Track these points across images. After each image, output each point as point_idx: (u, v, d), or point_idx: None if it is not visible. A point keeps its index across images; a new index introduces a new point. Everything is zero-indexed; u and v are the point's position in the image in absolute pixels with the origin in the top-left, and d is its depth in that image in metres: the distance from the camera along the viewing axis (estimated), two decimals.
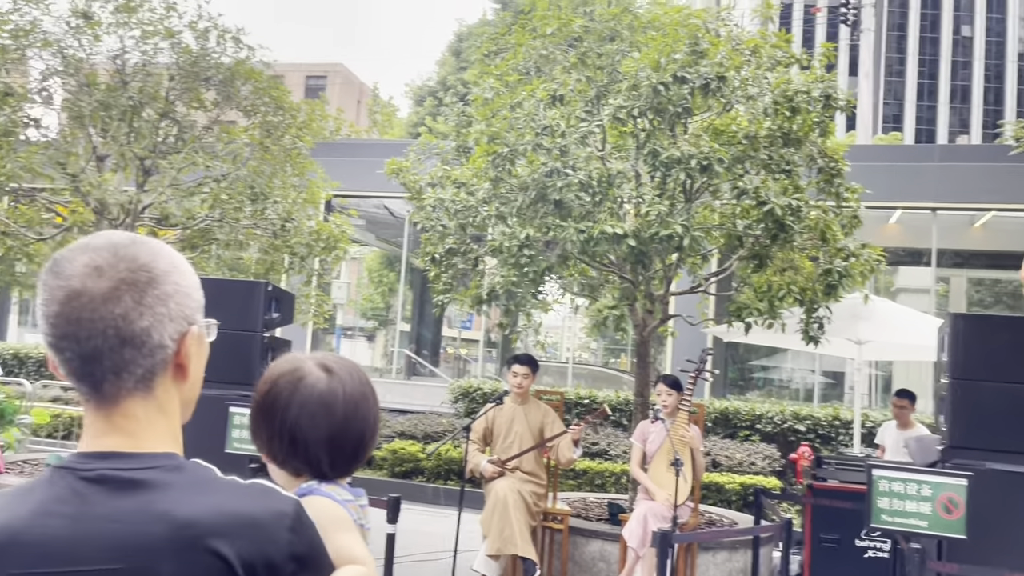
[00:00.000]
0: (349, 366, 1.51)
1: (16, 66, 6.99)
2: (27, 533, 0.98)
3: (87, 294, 1.02)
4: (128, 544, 0.98)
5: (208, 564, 0.98)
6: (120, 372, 1.04)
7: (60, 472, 1.03)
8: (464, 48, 31.40)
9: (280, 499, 1.07)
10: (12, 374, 13.83)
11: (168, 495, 1.01)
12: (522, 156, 6.20)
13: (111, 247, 1.05)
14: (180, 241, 7.72)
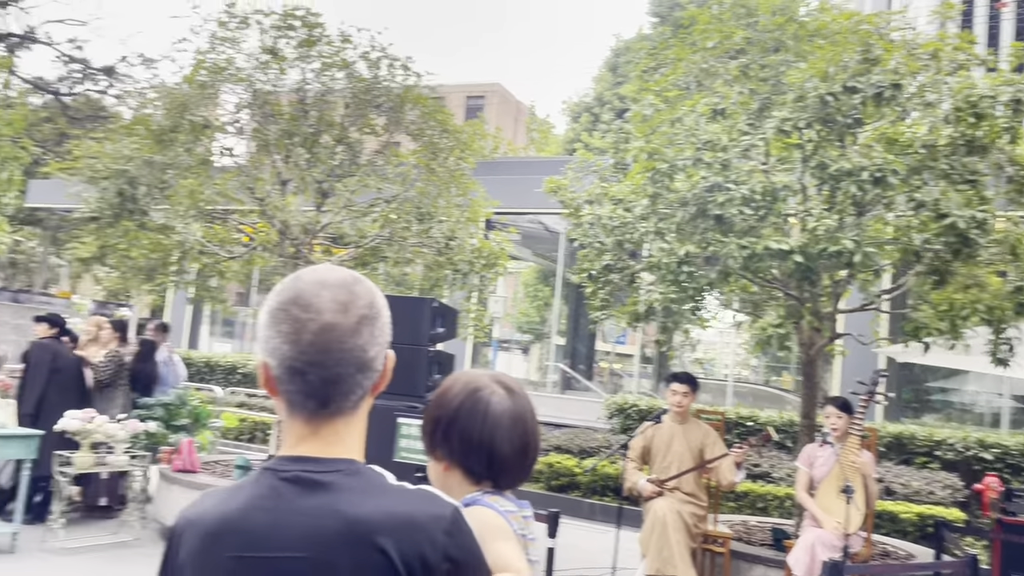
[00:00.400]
0: (520, 385, 1.63)
1: (212, 100, 7.69)
2: (238, 523, 1.15)
3: (339, 328, 1.18)
4: (312, 536, 1.12)
5: (375, 559, 1.10)
6: (349, 394, 1.20)
7: (265, 472, 1.20)
8: (621, 63, 31.36)
9: (440, 504, 1.18)
10: (204, 381, 15.09)
11: (345, 496, 1.15)
12: (681, 171, 6.13)
13: (345, 285, 1.21)
14: (352, 259, 8.18)
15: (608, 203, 7.00)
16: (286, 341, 1.18)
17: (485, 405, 1.54)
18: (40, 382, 7.13)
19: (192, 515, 1.22)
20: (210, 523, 1.17)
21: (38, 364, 7.21)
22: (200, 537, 1.17)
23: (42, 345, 7.31)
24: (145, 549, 6.78)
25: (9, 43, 21.09)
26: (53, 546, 6.47)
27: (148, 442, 7.22)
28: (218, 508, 1.19)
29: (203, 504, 1.22)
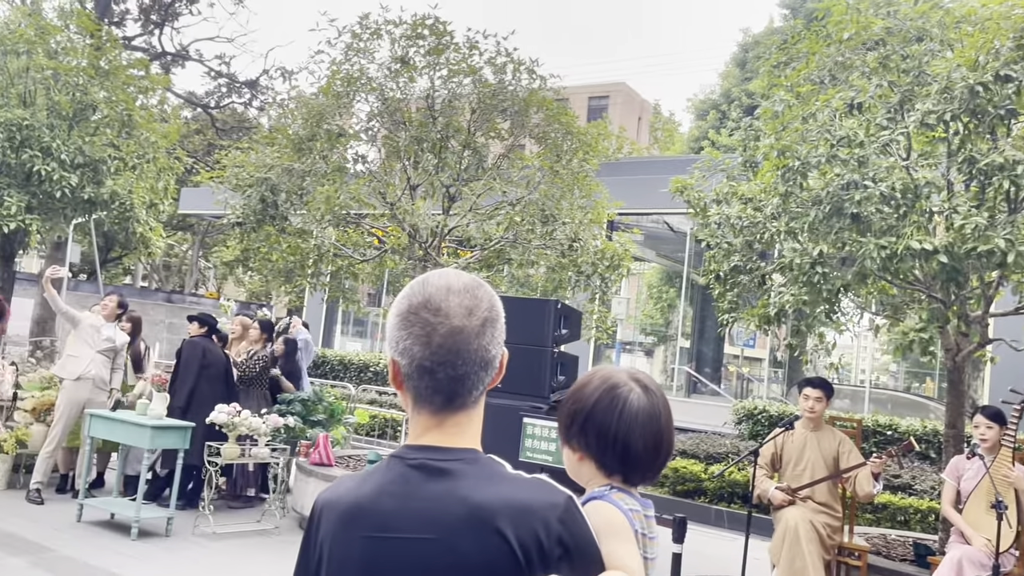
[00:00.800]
0: (656, 383, 1.66)
1: (346, 109, 8.03)
2: (370, 506, 1.27)
3: (466, 331, 1.28)
4: (436, 520, 1.22)
5: (495, 543, 1.19)
6: (473, 390, 1.31)
7: (393, 460, 1.31)
8: (750, 59, 30.49)
9: (554, 492, 1.25)
10: (337, 378, 15.74)
11: (467, 482, 1.24)
12: (815, 169, 5.91)
13: (469, 291, 1.31)
14: (478, 261, 8.34)
15: (737, 202, 6.83)
16: (417, 342, 1.28)
17: (622, 402, 1.58)
18: (191, 377, 7.64)
19: (330, 497, 1.33)
20: (346, 505, 1.29)
21: (189, 360, 7.73)
22: (337, 517, 1.29)
23: (193, 343, 7.83)
24: (285, 537, 7.15)
25: (164, 62, 22.70)
26: (203, 531, 6.93)
27: (288, 436, 7.60)
28: (353, 492, 1.30)
29: (339, 487, 1.34)
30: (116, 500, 7.18)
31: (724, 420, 12.77)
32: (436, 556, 1.21)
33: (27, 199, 9.29)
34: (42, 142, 9.21)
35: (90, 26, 10.90)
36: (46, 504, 7.30)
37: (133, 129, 10.48)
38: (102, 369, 7.63)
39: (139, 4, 22.00)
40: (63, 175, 9.23)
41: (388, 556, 1.24)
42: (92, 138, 9.91)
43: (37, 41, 9.94)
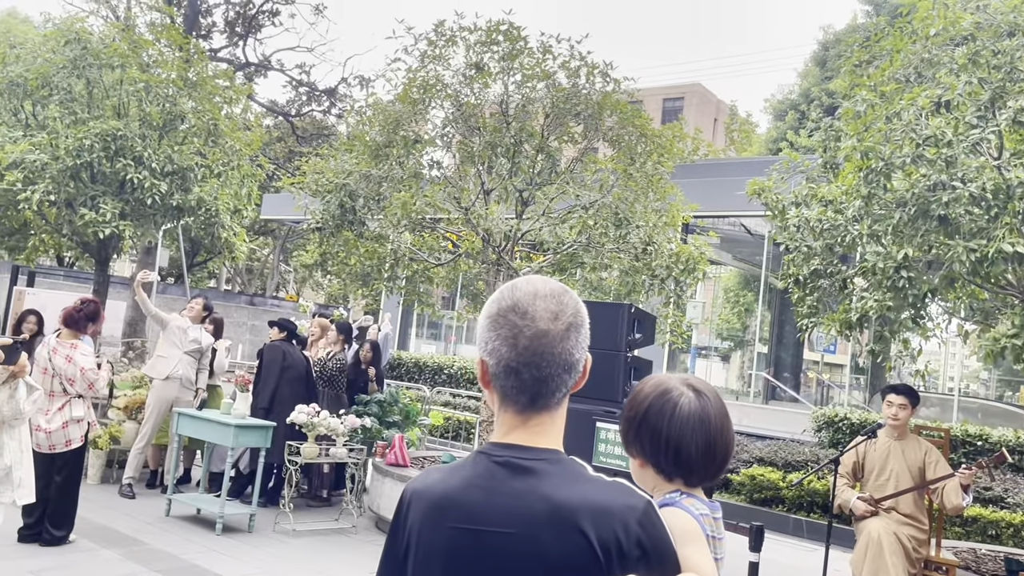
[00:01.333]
0: (711, 388, 1.69)
1: (422, 116, 8.15)
2: (457, 498, 1.33)
3: (551, 334, 1.34)
4: (520, 515, 1.27)
5: (575, 540, 1.23)
6: (556, 391, 1.36)
7: (480, 455, 1.37)
8: (830, 57, 29.69)
9: (633, 495, 1.29)
10: (412, 380, 15.97)
11: (550, 481, 1.29)
12: (899, 170, 5.73)
13: (555, 296, 1.37)
14: (551, 265, 8.35)
15: (816, 205, 6.66)
16: (505, 344, 1.34)
17: (672, 406, 1.61)
18: (273, 380, 7.87)
19: (419, 487, 1.41)
20: (434, 496, 1.36)
21: (270, 363, 7.97)
22: (425, 507, 1.36)
23: (273, 347, 8.07)
24: (361, 536, 7.30)
25: (248, 72, 23.47)
26: (284, 528, 7.13)
27: (364, 437, 7.76)
28: (441, 483, 1.37)
29: (428, 477, 1.41)
30: (202, 496, 7.45)
31: (803, 427, 12.45)
32: (518, 550, 1.26)
33: (120, 206, 9.73)
34: (135, 151, 9.63)
35: (179, 40, 11.35)
36: (137, 499, 7.63)
37: (219, 138, 10.87)
38: (189, 369, 7.93)
39: (224, 17, 22.80)
40: (154, 183, 9.63)
41: (472, 547, 1.30)
42: (180, 147, 10.32)
43: (131, 55, 10.40)
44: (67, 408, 5.99)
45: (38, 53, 10.26)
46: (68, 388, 5.99)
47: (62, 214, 10.65)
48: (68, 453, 6.00)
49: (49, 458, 5.87)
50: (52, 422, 5.91)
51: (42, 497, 5.78)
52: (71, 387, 5.98)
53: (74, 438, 6.00)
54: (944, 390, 25.95)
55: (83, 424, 6.08)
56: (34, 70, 10.05)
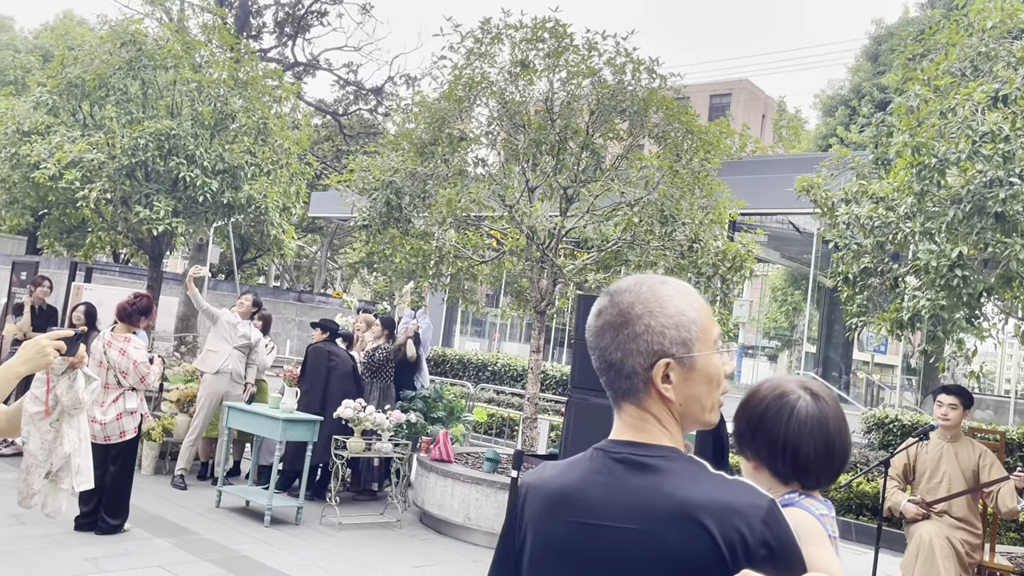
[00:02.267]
0: (827, 391, 1.71)
1: (467, 114, 8.19)
2: (576, 492, 1.34)
3: (591, 329, 1.38)
4: (642, 511, 1.27)
5: (700, 537, 1.22)
6: (611, 386, 1.38)
7: (596, 452, 1.37)
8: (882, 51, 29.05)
9: (757, 494, 1.27)
10: (457, 377, 16.05)
11: (671, 478, 1.28)
12: (954, 166, 5.60)
13: (612, 293, 1.38)
14: (595, 263, 8.32)
15: (867, 202, 6.55)
16: (587, 344, 1.41)
17: (790, 410, 1.62)
18: (320, 381, 7.99)
19: (535, 480, 1.42)
20: (552, 490, 1.37)
21: (316, 365, 8.08)
22: (542, 500, 1.38)
23: (318, 348, 8.18)
24: (407, 530, 7.37)
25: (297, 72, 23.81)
26: (330, 521, 7.24)
27: (409, 432, 7.83)
28: (559, 477, 1.38)
29: (544, 471, 1.43)
30: (251, 488, 7.59)
31: (852, 429, 12.23)
32: (640, 546, 1.26)
33: (173, 203, 9.96)
34: (187, 150, 9.85)
35: (230, 40, 11.57)
36: (188, 490, 7.81)
37: (268, 136, 11.05)
38: (238, 364, 8.09)
39: (274, 18, 23.16)
40: (205, 181, 9.83)
41: (591, 541, 1.30)
42: (231, 146, 10.51)
43: (183, 56, 10.63)
44: (121, 400, 6.17)
45: (95, 55, 10.54)
46: (122, 381, 6.17)
47: (118, 212, 10.93)
48: (122, 444, 6.17)
49: (104, 449, 6.05)
50: (107, 414, 6.10)
51: (97, 487, 5.96)
52: (124, 380, 6.16)
53: (128, 429, 6.17)
54: (1000, 392, 25.25)
55: (136, 416, 6.25)
56: (91, 71, 10.33)
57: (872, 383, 24.68)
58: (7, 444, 8.42)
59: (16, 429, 2.33)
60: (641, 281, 1.38)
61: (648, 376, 1.33)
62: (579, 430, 6.24)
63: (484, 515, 7.04)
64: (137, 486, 6.63)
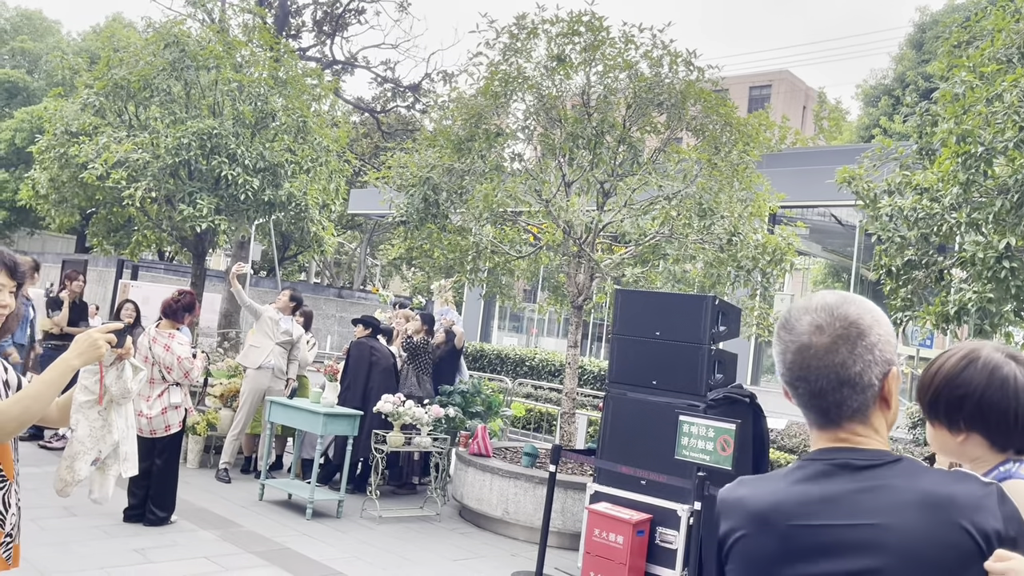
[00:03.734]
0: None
1: (504, 109, 8.20)
2: (794, 497, 1.34)
3: (813, 347, 1.34)
4: (873, 508, 1.28)
5: (948, 531, 1.23)
6: (840, 405, 1.35)
7: (808, 461, 1.38)
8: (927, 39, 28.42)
9: (983, 482, 1.29)
10: (495, 372, 16.10)
11: (894, 475, 1.30)
12: (1001, 155, 5.47)
13: (827, 308, 1.36)
14: (633, 257, 8.28)
15: (911, 193, 6.42)
16: (778, 360, 1.40)
17: (1011, 378, 1.64)
18: (363, 377, 8.08)
19: (736, 496, 1.42)
20: (762, 500, 1.36)
21: (359, 360, 8.17)
22: (747, 516, 1.38)
23: (360, 344, 8.27)
24: (446, 524, 7.42)
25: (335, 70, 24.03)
26: (370, 514, 7.32)
27: (448, 426, 7.88)
28: (768, 487, 1.38)
29: (743, 487, 1.42)
30: (293, 482, 7.71)
31: (897, 424, 12.03)
32: (881, 542, 1.26)
33: (216, 201, 10.14)
34: (228, 149, 10.01)
35: (270, 40, 11.73)
36: (232, 483, 7.96)
37: (307, 135, 11.19)
38: (280, 359, 8.21)
39: (313, 17, 23.40)
40: (246, 179, 9.99)
41: (821, 544, 1.29)
42: (271, 144, 10.67)
43: (225, 56, 10.81)
44: (166, 395, 6.31)
45: (140, 56, 10.77)
46: (166, 376, 6.30)
47: (162, 210, 11.16)
48: (167, 438, 6.31)
49: (150, 442, 6.19)
50: (152, 408, 6.24)
51: (144, 479, 6.11)
52: (168, 375, 6.29)
53: (172, 423, 6.31)
54: None
55: (180, 410, 6.38)
56: (136, 73, 10.55)
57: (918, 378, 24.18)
58: (59, 438, 8.65)
59: (66, 419, 2.41)
60: (843, 296, 1.39)
61: (881, 386, 1.34)
62: (617, 425, 6.23)
63: (522, 509, 7.07)
64: (183, 479, 6.77)
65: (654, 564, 5.75)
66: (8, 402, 2.07)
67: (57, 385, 2.14)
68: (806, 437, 11.20)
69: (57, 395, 2.18)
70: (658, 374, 6.00)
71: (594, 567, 5.71)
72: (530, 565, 6.22)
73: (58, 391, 2.16)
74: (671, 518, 5.74)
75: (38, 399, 2.10)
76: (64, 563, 5.18)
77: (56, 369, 2.14)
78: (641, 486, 5.89)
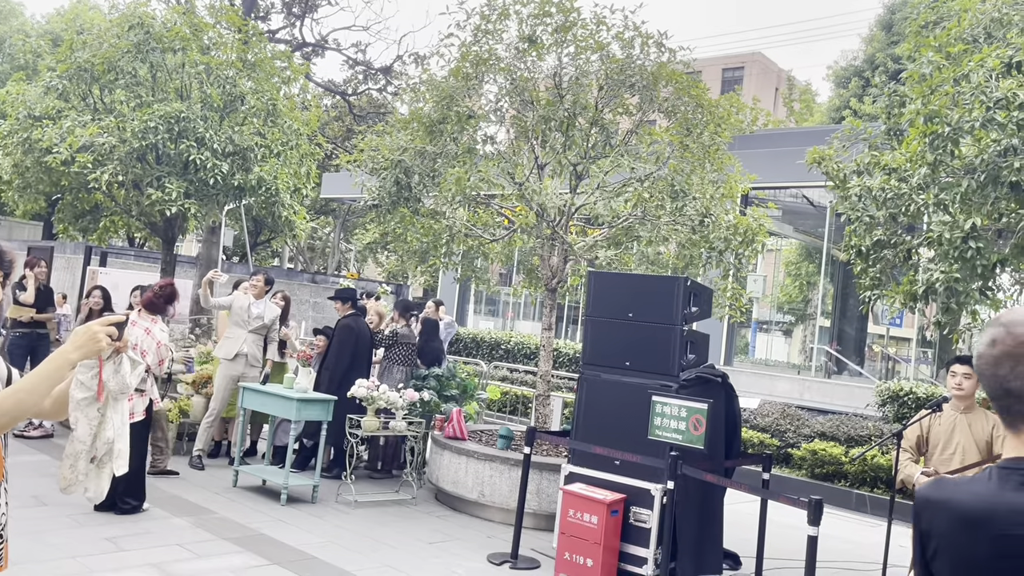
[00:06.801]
0: None
1: (476, 91, 8.14)
2: (995, 508, 1.40)
3: (984, 357, 1.49)
4: None
5: None
6: (1009, 410, 1.47)
7: (1001, 471, 1.45)
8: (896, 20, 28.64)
9: None
10: (470, 355, 16.10)
11: None
12: (968, 135, 5.54)
13: (1007, 324, 1.48)
14: (606, 239, 8.30)
15: (879, 173, 6.48)
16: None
17: None
18: (346, 360, 8.03)
19: (938, 497, 1.49)
20: (966, 507, 1.43)
21: (344, 343, 8.10)
22: (953, 518, 1.44)
23: (348, 326, 8.17)
24: (422, 507, 7.44)
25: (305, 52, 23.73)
26: (345, 499, 7.31)
27: (423, 410, 7.88)
28: (967, 495, 1.45)
29: (945, 490, 1.49)
30: (267, 468, 7.68)
31: (867, 402, 12.21)
32: None
33: (185, 186, 10.00)
34: (197, 133, 9.86)
35: (238, 22, 11.55)
36: (206, 470, 7.91)
37: (277, 118, 11.05)
38: (254, 348, 8.14)
39: None
40: (215, 163, 9.86)
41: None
42: (241, 128, 10.52)
43: (191, 39, 10.63)
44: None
45: (104, 39, 10.56)
46: (138, 359, 6.23)
47: (130, 195, 10.99)
48: (133, 426, 6.24)
49: None
50: None
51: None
52: (143, 359, 6.21)
53: (136, 411, 6.23)
54: None
55: (145, 398, 6.31)
56: (100, 55, 10.34)
57: (887, 356, 24.59)
58: (35, 427, 8.54)
59: (58, 413, 2.32)
60: None
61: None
62: (591, 406, 6.26)
63: (498, 491, 7.10)
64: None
65: (628, 543, 5.80)
66: (1, 395, 2.01)
67: (54, 379, 2.05)
68: (779, 416, 11.34)
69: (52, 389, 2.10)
70: (631, 355, 6.03)
71: (569, 547, 5.75)
72: (506, 547, 6.25)
73: (54, 385, 2.08)
74: (645, 498, 5.79)
75: (32, 392, 2.02)
76: (36, 553, 5.13)
77: (53, 362, 2.06)
78: (615, 466, 5.94)
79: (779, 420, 11.24)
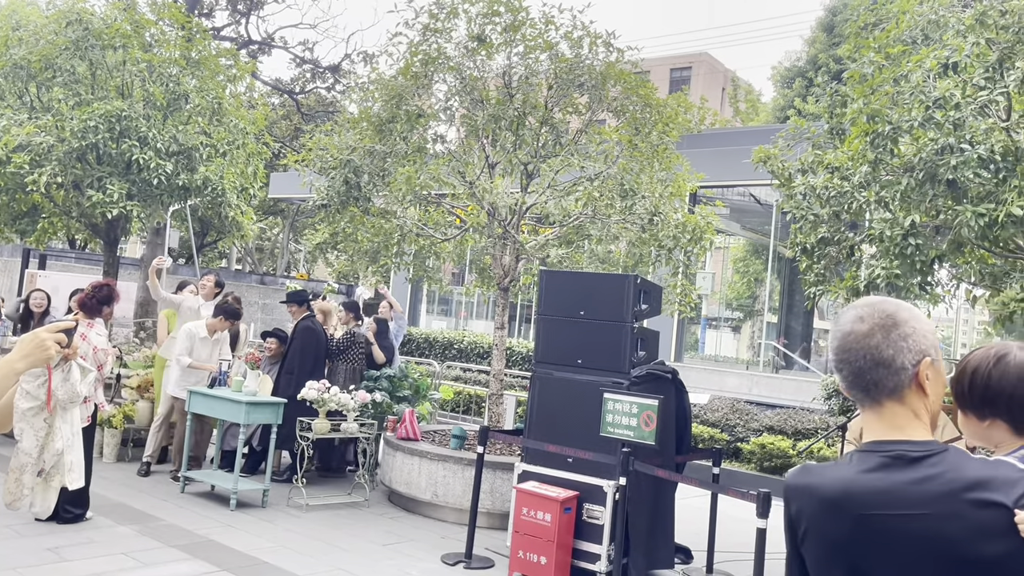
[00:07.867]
0: None
1: (425, 90, 8.10)
2: (855, 489, 1.48)
3: (854, 333, 1.54)
4: (927, 497, 1.41)
5: (991, 508, 1.38)
6: (877, 384, 1.52)
7: (863, 454, 1.52)
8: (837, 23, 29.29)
9: (1013, 468, 1.44)
10: (423, 356, 16.02)
11: (945, 467, 1.44)
12: (907, 134, 5.68)
13: (870, 304, 1.57)
14: (557, 238, 8.33)
15: (823, 172, 6.62)
16: (830, 351, 1.61)
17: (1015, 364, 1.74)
18: (309, 362, 7.88)
19: (804, 483, 1.56)
20: (828, 490, 1.50)
21: (306, 348, 7.93)
22: (819, 500, 1.51)
23: (308, 330, 7.99)
24: (374, 509, 7.37)
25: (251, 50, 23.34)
26: (297, 502, 7.21)
27: (375, 412, 7.81)
28: (832, 476, 1.52)
29: (811, 474, 1.56)
30: (215, 473, 7.53)
31: (813, 396, 12.47)
32: (937, 527, 1.40)
33: (127, 187, 9.74)
34: (139, 132, 9.62)
35: (181, 18, 11.30)
36: (152, 476, 7.72)
37: (223, 117, 10.84)
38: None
39: None
40: (159, 163, 9.63)
41: (887, 531, 1.44)
42: (185, 127, 10.30)
43: (132, 35, 10.36)
44: None
45: (40, 35, 10.23)
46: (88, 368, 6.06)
47: (70, 196, 10.68)
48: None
49: None
50: None
51: None
52: (93, 367, 6.04)
53: (81, 417, 6.06)
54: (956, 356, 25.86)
55: (90, 404, 6.13)
56: (37, 52, 10.03)
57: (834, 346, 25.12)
58: None
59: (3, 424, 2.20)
60: (886, 298, 1.58)
61: (915, 371, 1.51)
62: (543, 404, 6.28)
63: (452, 491, 7.07)
64: (100, 474, 6.52)
65: (582, 540, 5.83)
66: None
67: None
68: (728, 411, 11.51)
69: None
70: (583, 353, 6.06)
71: (523, 545, 5.76)
72: (460, 547, 6.23)
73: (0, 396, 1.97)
74: (597, 494, 5.83)
75: None
76: None
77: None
78: (568, 464, 5.96)
79: (728, 415, 11.41)
